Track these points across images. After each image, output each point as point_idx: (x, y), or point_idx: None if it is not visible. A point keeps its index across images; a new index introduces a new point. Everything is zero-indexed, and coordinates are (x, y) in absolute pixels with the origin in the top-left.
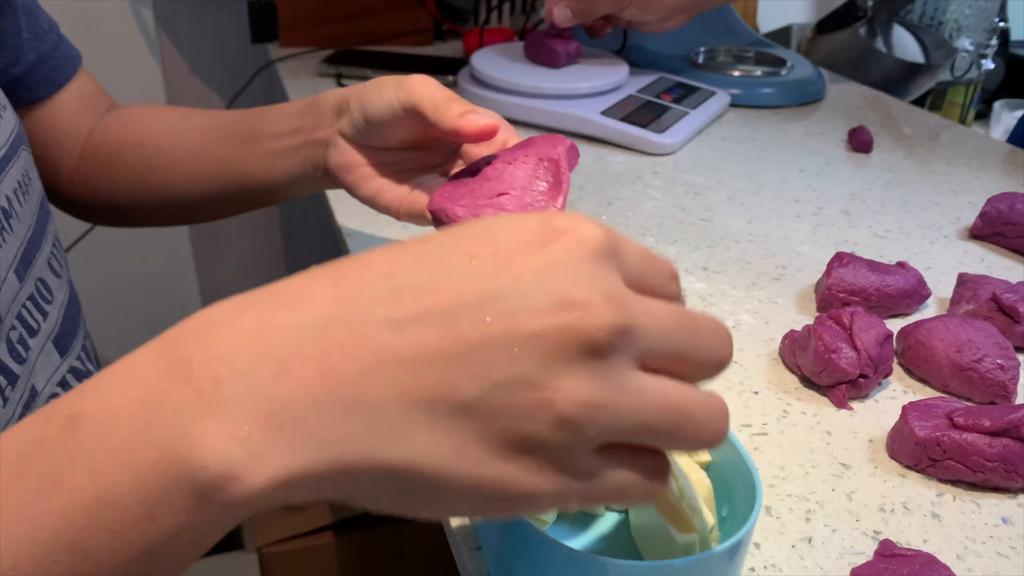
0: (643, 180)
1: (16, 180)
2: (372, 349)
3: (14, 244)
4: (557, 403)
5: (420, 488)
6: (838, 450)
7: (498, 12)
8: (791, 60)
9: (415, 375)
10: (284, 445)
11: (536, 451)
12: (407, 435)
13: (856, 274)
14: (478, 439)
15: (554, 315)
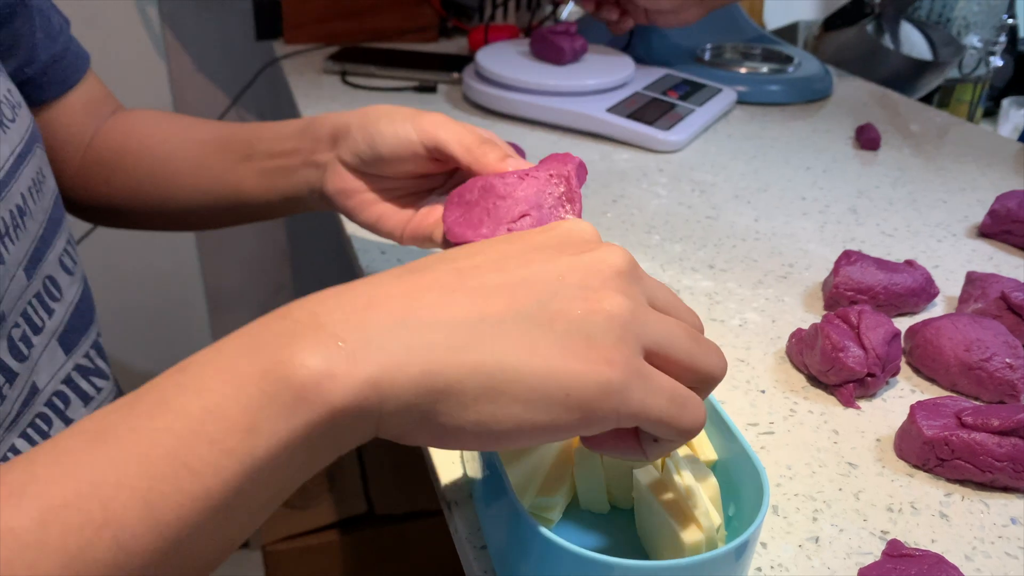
0: (649, 178)
1: (31, 178)
2: (444, 287)
3: (26, 242)
4: (604, 305)
5: (502, 385)
6: (845, 449)
7: (503, 9)
8: (798, 57)
9: (484, 299)
10: (376, 350)
11: (597, 346)
12: (484, 340)
13: (864, 272)
14: (545, 339)
15: (584, 253)
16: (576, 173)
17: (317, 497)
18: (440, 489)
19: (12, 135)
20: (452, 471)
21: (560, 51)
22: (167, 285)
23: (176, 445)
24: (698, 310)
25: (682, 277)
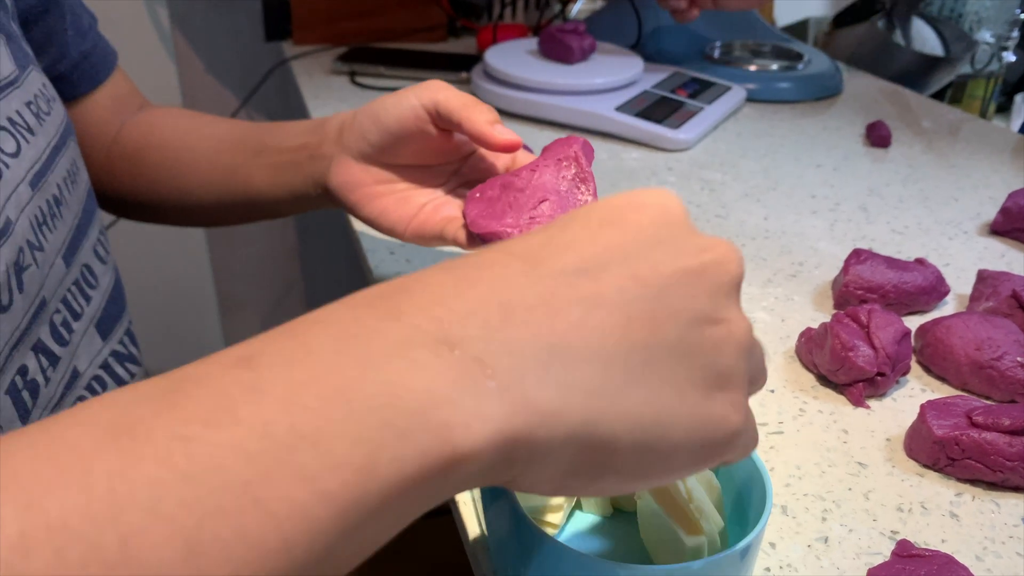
0: (658, 176)
1: (66, 169)
2: (580, 295)
3: (63, 231)
4: (735, 333)
5: (653, 440)
6: (855, 449)
7: (512, 8)
8: (808, 54)
9: (627, 316)
10: (532, 389)
11: (727, 384)
12: (638, 381)
13: (874, 271)
14: (690, 379)
15: (703, 254)
16: (583, 152)
17: None
18: None
19: (48, 127)
20: None
21: (569, 50)
22: (177, 282)
23: (249, 477)
24: None
25: None
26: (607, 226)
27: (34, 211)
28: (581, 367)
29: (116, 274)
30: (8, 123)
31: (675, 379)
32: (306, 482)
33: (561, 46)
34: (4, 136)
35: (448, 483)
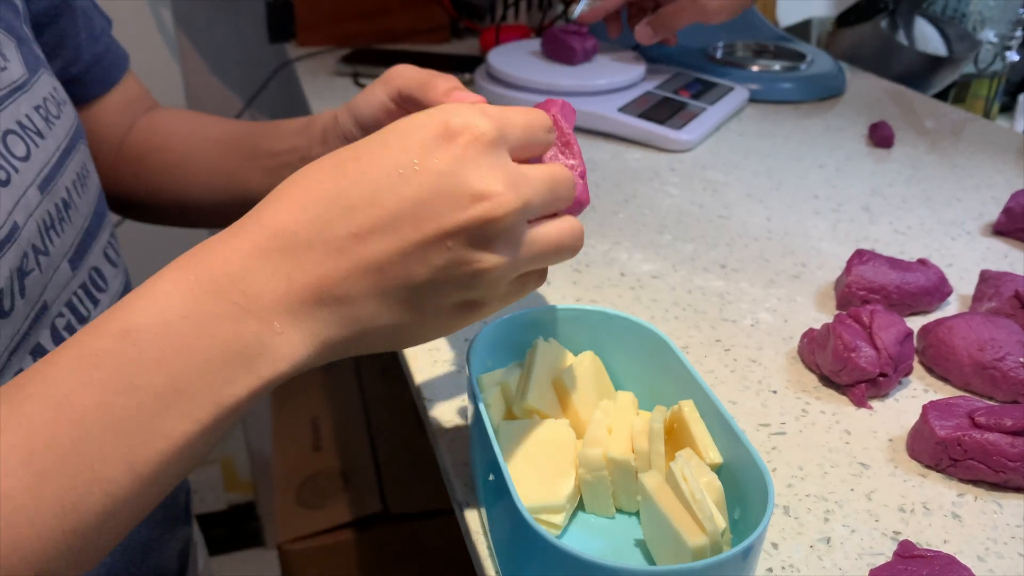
0: (661, 177)
1: (75, 172)
2: (348, 260)
3: (71, 234)
4: (482, 270)
5: (396, 340)
6: (857, 449)
7: (515, 9)
8: (811, 54)
9: (382, 272)
10: (305, 330)
11: (473, 299)
12: (384, 314)
13: (876, 271)
14: (432, 305)
15: (470, 209)
16: (562, 114)
17: (333, 496)
18: (452, 490)
19: (58, 131)
20: (464, 472)
21: (572, 51)
22: None
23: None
24: (710, 310)
25: (694, 277)
26: (397, 175)
27: (42, 215)
28: (340, 310)
29: (126, 277)
30: (17, 127)
31: (419, 306)
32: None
33: (564, 47)
34: (13, 140)
35: (270, 385)
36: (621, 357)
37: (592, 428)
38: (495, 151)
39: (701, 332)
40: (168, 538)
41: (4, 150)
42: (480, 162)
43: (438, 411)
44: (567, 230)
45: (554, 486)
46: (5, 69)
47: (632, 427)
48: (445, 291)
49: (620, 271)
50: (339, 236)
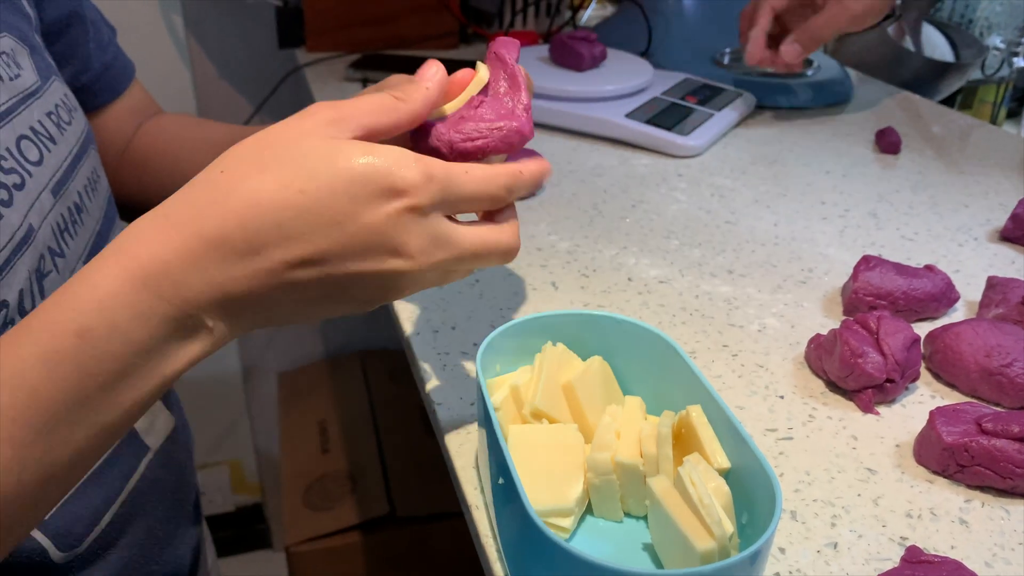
0: (668, 183)
1: (86, 177)
2: (277, 279)
3: (84, 237)
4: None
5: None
6: (864, 455)
7: (522, 15)
8: (817, 60)
9: (305, 291)
10: (232, 323)
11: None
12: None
13: (883, 277)
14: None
15: (387, 262)
16: (504, 53)
17: (340, 499)
18: (461, 492)
19: (69, 137)
20: (473, 475)
21: (579, 57)
22: None
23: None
24: (717, 315)
25: (701, 282)
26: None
27: (56, 218)
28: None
29: None
30: (31, 132)
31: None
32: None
33: (572, 53)
34: (27, 145)
35: None
36: (629, 362)
37: (600, 432)
38: (426, 217)
39: (708, 337)
40: (182, 534)
41: (18, 155)
42: (409, 226)
43: (447, 414)
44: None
45: (563, 490)
46: (19, 77)
47: (640, 432)
48: (358, 299)
49: (627, 276)
50: (274, 260)
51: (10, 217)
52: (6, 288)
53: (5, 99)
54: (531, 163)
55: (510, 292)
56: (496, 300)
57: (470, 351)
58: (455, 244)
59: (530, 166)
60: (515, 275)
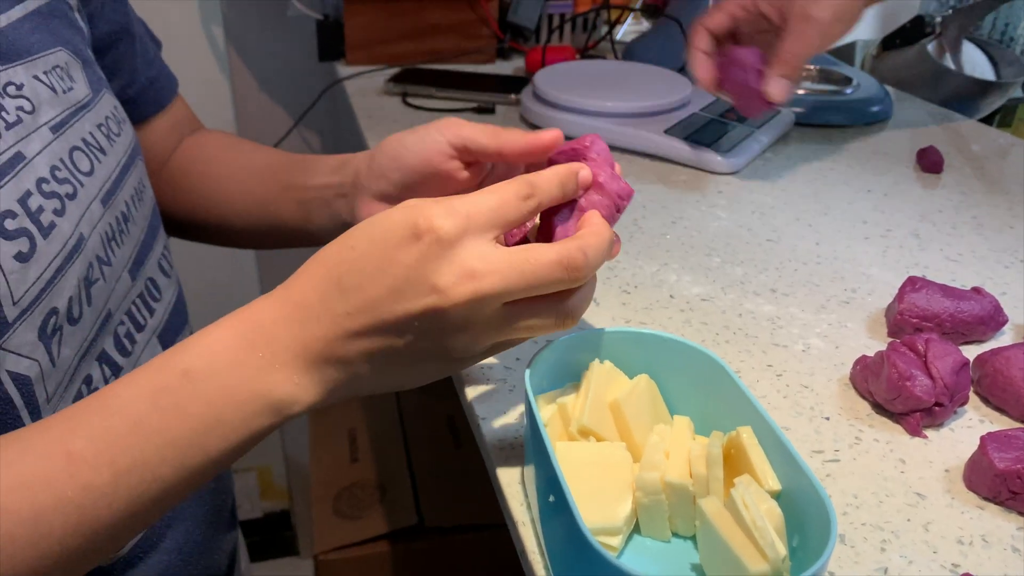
0: (708, 199)
1: (133, 187)
2: (343, 330)
3: (130, 246)
4: (448, 346)
5: (392, 388)
6: (913, 479)
7: (559, 31)
8: (856, 78)
9: (368, 340)
10: (316, 382)
11: (452, 361)
12: (374, 371)
13: (929, 299)
14: (415, 367)
15: (427, 298)
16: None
17: (369, 508)
18: (506, 508)
19: (118, 148)
20: (518, 491)
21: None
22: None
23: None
24: (760, 335)
25: (744, 301)
26: (380, 271)
27: (104, 227)
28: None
29: (179, 287)
30: (82, 143)
31: (408, 369)
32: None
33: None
34: (79, 155)
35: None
36: (676, 381)
37: (649, 452)
38: (454, 249)
39: (752, 357)
40: (220, 539)
41: (71, 166)
42: (438, 259)
43: (491, 429)
44: (545, 313)
45: (611, 508)
46: (72, 89)
47: (689, 452)
48: (421, 356)
49: (669, 293)
50: (338, 313)
51: (62, 226)
52: (57, 295)
53: (59, 111)
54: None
55: None
56: None
57: (513, 365)
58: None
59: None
60: None
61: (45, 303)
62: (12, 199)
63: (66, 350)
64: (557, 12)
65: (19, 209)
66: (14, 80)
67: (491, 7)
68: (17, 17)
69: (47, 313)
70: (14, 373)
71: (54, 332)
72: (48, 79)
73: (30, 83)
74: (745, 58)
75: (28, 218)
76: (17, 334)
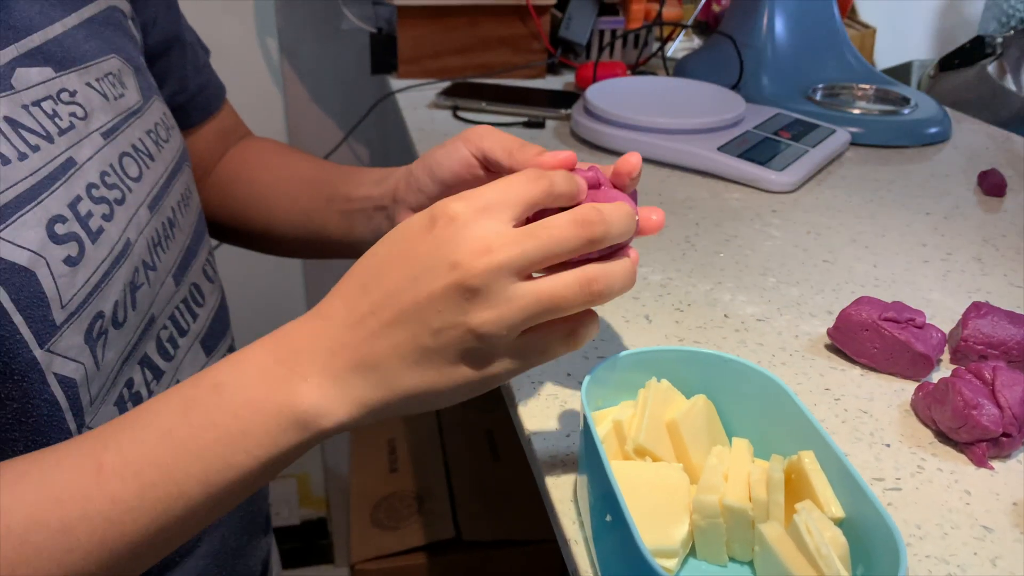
0: (762, 218)
1: (180, 193)
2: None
3: (175, 251)
4: (473, 328)
5: (427, 399)
6: (979, 511)
7: (610, 48)
8: (914, 98)
9: (394, 336)
10: (347, 394)
11: (481, 355)
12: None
13: (995, 326)
14: (446, 364)
15: (447, 276)
16: None
17: (406, 519)
18: (558, 526)
19: (166, 154)
20: (570, 508)
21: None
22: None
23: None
24: (817, 359)
25: (799, 322)
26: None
27: (151, 232)
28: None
29: (222, 293)
30: (132, 149)
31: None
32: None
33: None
34: (128, 161)
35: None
36: (733, 402)
37: (707, 474)
38: (468, 226)
39: (809, 380)
40: (254, 545)
41: (120, 171)
42: (454, 238)
43: (543, 445)
44: (568, 282)
45: (668, 530)
46: (123, 96)
47: (749, 475)
48: (451, 349)
49: (723, 312)
50: (363, 313)
51: (110, 231)
52: (103, 299)
53: (110, 117)
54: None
55: (603, 323)
56: None
57: (564, 381)
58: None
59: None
60: (606, 305)
61: (92, 307)
62: (63, 204)
63: (110, 353)
64: (608, 28)
65: (69, 214)
66: (68, 87)
67: (543, 22)
68: (73, 25)
69: (93, 317)
70: (60, 376)
71: (99, 335)
72: (100, 86)
73: (83, 90)
74: None
75: (77, 222)
76: (64, 337)
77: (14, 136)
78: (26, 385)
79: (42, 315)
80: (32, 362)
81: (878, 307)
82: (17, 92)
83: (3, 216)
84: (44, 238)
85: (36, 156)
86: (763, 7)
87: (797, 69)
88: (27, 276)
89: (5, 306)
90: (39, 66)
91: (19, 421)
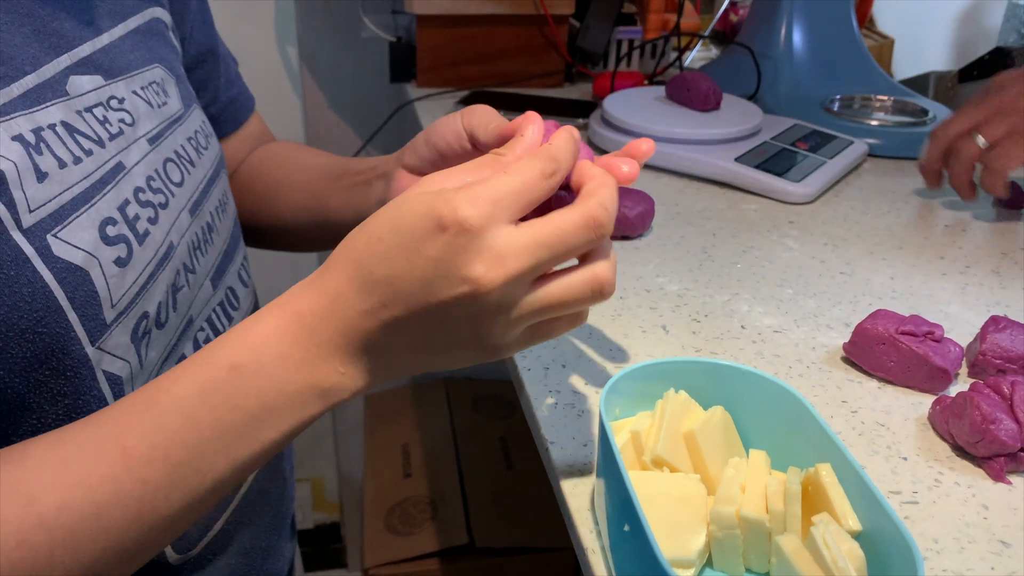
0: (779, 229)
1: (218, 199)
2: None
3: (213, 255)
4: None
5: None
6: (996, 526)
7: (627, 57)
8: (933, 110)
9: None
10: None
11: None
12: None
13: (1014, 340)
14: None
15: (460, 287)
16: None
17: (420, 524)
18: (576, 535)
19: (205, 160)
20: (587, 517)
21: (703, 97)
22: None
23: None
24: (834, 371)
25: (816, 334)
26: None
27: (191, 236)
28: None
29: (255, 297)
30: (175, 156)
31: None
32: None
33: (694, 92)
34: (171, 167)
35: None
36: (751, 414)
37: (724, 485)
38: (480, 235)
39: (826, 392)
40: (281, 547)
41: (164, 176)
42: (467, 248)
43: (561, 454)
44: (577, 285)
45: (685, 540)
46: (166, 104)
47: (766, 487)
48: (462, 344)
49: (740, 323)
50: (375, 304)
51: (155, 234)
52: (148, 300)
53: (155, 124)
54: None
55: (620, 333)
56: (605, 340)
57: (581, 390)
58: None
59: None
60: (623, 315)
61: (138, 307)
62: (113, 207)
63: (152, 353)
64: (626, 38)
65: (119, 216)
66: (116, 94)
67: (561, 32)
68: (119, 35)
69: (140, 317)
70: (109, 373)
71: (144, 335)
72: (145, 94)
73: (130, 97)
74: None
75: (126, 225)
76: (113, 336)
77: (70, 140)
78: (77, 382)
79: (94, 313)
80: (84, 359)
81: (895, 320)
82: (72, 98)
83: (60, 217)
84: (97, 239)
85: (89, 160)
86: (781, 17)
87: (815, 80)
88: (82, 275)
89: (61, 304)
90: (90, 74)
91: (69, 417)
